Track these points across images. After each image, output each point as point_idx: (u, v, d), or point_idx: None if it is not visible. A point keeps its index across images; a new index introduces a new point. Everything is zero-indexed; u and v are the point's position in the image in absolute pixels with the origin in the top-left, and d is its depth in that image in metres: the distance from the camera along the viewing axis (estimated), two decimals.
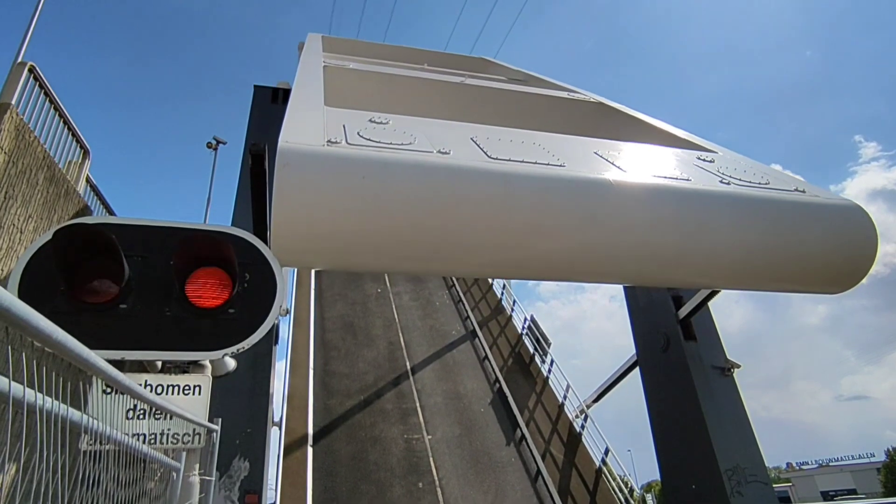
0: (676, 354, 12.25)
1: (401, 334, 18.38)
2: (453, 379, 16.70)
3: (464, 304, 20.98)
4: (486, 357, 17.99)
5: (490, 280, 22.78)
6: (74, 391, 1.44)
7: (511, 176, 5.02)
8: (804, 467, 51.47)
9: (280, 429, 13.60)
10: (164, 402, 2.65)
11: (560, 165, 5.42)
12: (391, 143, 5.07)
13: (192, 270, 3.72)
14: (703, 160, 7.09)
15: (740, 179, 6.35)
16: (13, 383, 1.11)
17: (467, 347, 18.41)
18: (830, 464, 48.24)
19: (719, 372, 12.02)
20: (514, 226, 4.92)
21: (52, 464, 1.25)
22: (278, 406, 14.28)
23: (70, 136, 7.82)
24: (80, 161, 8.00)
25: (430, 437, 14.29)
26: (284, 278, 4.07)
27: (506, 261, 5.21)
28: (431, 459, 13.61)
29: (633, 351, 15.19)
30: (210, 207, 20.97)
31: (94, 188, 8.70)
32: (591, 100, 10.99)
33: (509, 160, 5.28)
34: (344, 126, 5.29)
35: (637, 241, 5.36)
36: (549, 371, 17.33)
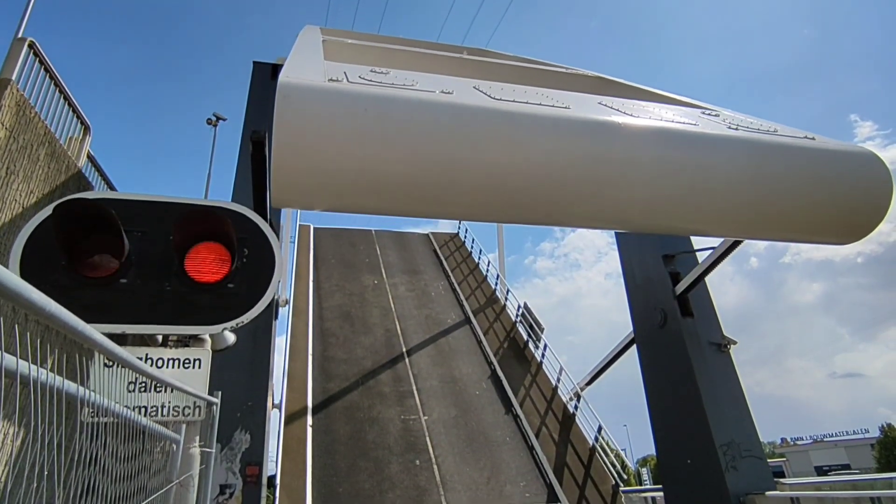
0: (673, 331, 12.33)
1: (397, 322, 18.70)
2: (449, 364, 16.99)
3: (459, 294, 21.31)
4: (481, 343, 18.28)
5: (484, 271, 23.28)
6: (78, 367, 1.45)
7: (515, 115, 4.88)
8: (798, 443, 51.90)
9: (280, 410, 13.85)
10: (163, 375, 2.68)
11: (565, 108, 5.28)
12: (393, 84, 4.97)
13: (192, 245, 3.73)
14: (709, 114, 6.95)
15: (748, 127, 6.14)
16: (8, 356, 1.12)
17: (462, 334, 18.74)
18: (825, 439, 48.61)
19: (716, 348, 12.10)
20: (517, 166, 4.78)
21: (51, 437, 1.26)
22: (278, 388, 14.56)
23: (70, 112, 7.79)
24: (80, 137, 7.99)
25: (426, 417, 14.52)
26: (284, 254, 4.08)
27: (509, 202, 5.05)
28: (428, 439, 13.83)
29: (628, 328, 15.33)
30: (210, 184, 20.95)
31: (95, 164, 8.70)
32: (590, 74, 10.92)
33: (513, 101, 5.13)
34: (345, 72, 5.20)
35: (644, 184, 5.20)
36: (543, 356, 17.67)
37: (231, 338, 3.97)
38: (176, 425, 3.36)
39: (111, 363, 3.40)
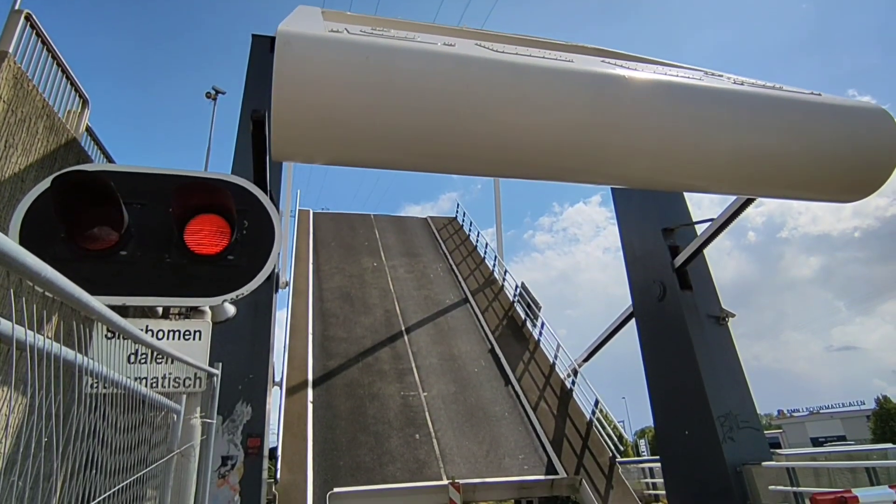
0: (672, 304, 12.39)
1: (396, 303, 18.91)
2: (448, 342, 17.19)
3: (457, 275, 21.53)
4: (480, 322, 18.50)
5: (482, 253, 23.45)
6: (76, 339, 1.44)
7: (519, 65, 4.77)
8: (795, 415, 52.37)
9: (281, 387, 14.06)
10: (162, 345, 2.68)
11: (569, 62, 5.19)
12: (394, 36, 4.90)
13: (191, 217, 3.73)
14: (713, 74, 6.84)
15: (753, 84, 6.06)
16: (5, 322, 1.11)
17: (461, 314, 18.98)
18: (821, 411, 49.11)
19: (714, 321, 12.18)
20: (521, 117, 4.67)
21: (49, 407, 1.26)
22: (279, 366, 14.77)
23: (69, 85, 7.70)
24: (79, 110, 7.90)
25: (425, 393, 14.71)
26: (283, 226, 4.06)
27: (512, 154, 4.94)
28: (427, 414, 14.01)
29: (626, 302, 15.44)
30: (210, 157, 20.87)
31: (93, 137, 8.62)
32: (591, 47, 10.79)
33: (517, 54, 5.04)
34: (346, 28, 5.11)
35: (650, 136, 5.12)
36: (541, 333, 17.88)
37: (231, 310, 3.97)
38: (177, 397, 3.38)
39: (112, 335, 3.42)
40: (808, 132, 5.59)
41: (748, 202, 11.35)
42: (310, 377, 14.64)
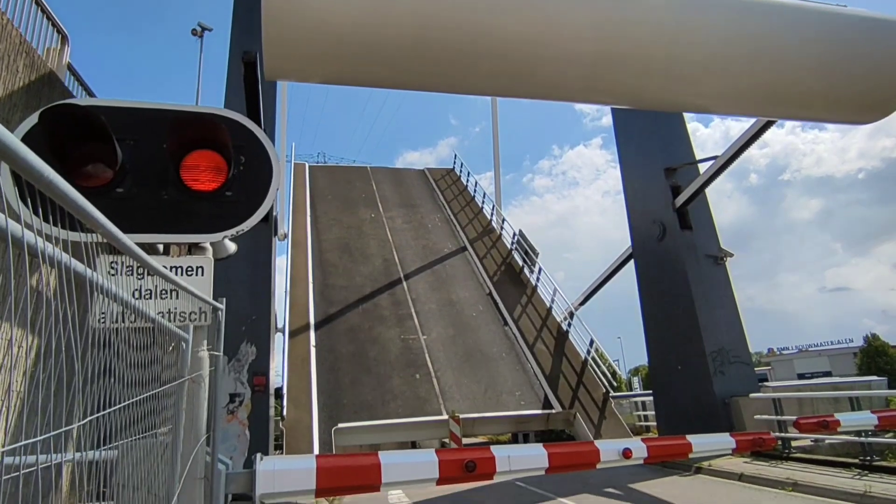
0: (672, 244, 12.50)
1: (395, 252, 19.14)
2: (446, 289, 17.50)
3: (455, 225, 21.74)
4: (478, 269, 18.80)
5: (480, 203, 23.54)
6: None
7: None
8: (784, 352, 53.78)
9: (284, 333, 14.36)
10: (168, 272, 2.70)
11: None
12: None
13: (187, 153, 3.67)
14: None
15: None
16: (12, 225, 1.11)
17: (459, 262, 19.29)
18: (809, 349, 50.48)
19: (712, 261, 12.34)
20: (528, 26, 4.40)
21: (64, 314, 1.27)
22: (281, 313, 15.07)
23: (45, 20, 7.41)
24: (59, 48, 7.64)
25: (425, 337, 15.02)
26: (280, 162, 4.02)
27: (513, 66, 4.68)
28: (427, 355, 14.35)
29: (625, 245, 15.61)
30: (200, 98, 20.43)
31: (76, 75, 8.36)
32: None
33: None
34: None
35: (662, 45, 4.90)
36: (538, 279, 18.24)
37: (232, 246, 3.98)
38: (184, 330, 3.44)
39: (114, 271, 3.45)
40: (831, 44, 5.35)
41: (753, 139, 11.27)
42: (312, 323, 14.95)
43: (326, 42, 4.11)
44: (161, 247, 3.85)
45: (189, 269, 3.69)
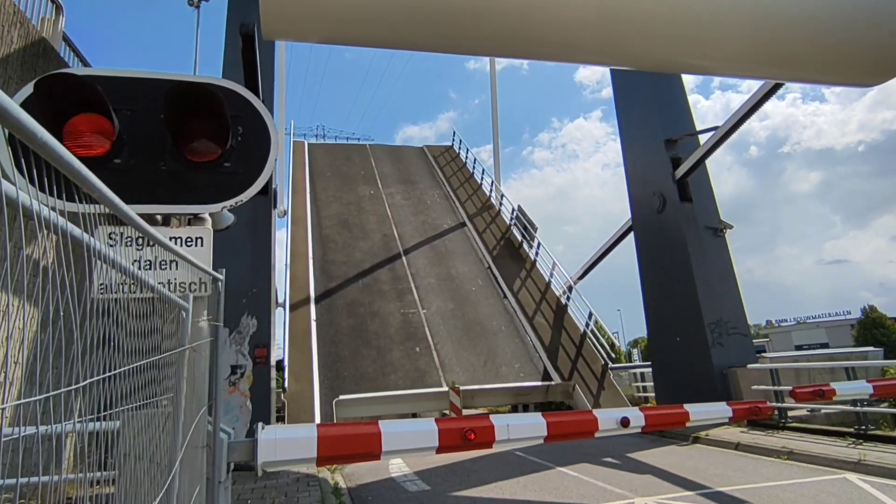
0: (672, 216, 12.50)
1: (394, 228, 19.23)
2: (446, 264, 17.62)
3: (454, 201, 21.83)
4: (477, 245, 18.93)
5: (479, 179, 23.64)
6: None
7: None
8: (782, 324, 54.06)
9: (285, 308, 14.48)
10: (168, 241, 2.69)
11: None
12: None
13: (184, 123, 3.64)
14: None
15: None
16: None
17: (458, 237, 19.41)
18: (807, 321, 50.69)
19: (712, 232, 12.36)
20: None
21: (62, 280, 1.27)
22: (282, 288, 15.17)
23: None
24: (53, 17, 7.51)
25: (425, 311, 15.14)
26: (279, 133, 3.98)
27: (524, 28, 4.53)
28: (427, 329, 14.47)
29: (624, 218, 15.63)
30: (198, 71, 20.21)
31: (71, 46, 8.24)
32: None
33: None
34: None
35: (667, 5, 4.80)
36: (537, 253, 18.37)
37: (230, 217, 3.97)
38: (183, 301, 3.45)
39: (113, 242, 3.44)
40: (835, 2, 5.23)
41: (754, 109, 11.17)
42: (312, 298, 15.06)
43: (328, 3, 3.99)
44: (159, 217, 3.84)
45: (188, 239, 3.68)
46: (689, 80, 14.18)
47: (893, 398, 8.83)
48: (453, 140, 27.70)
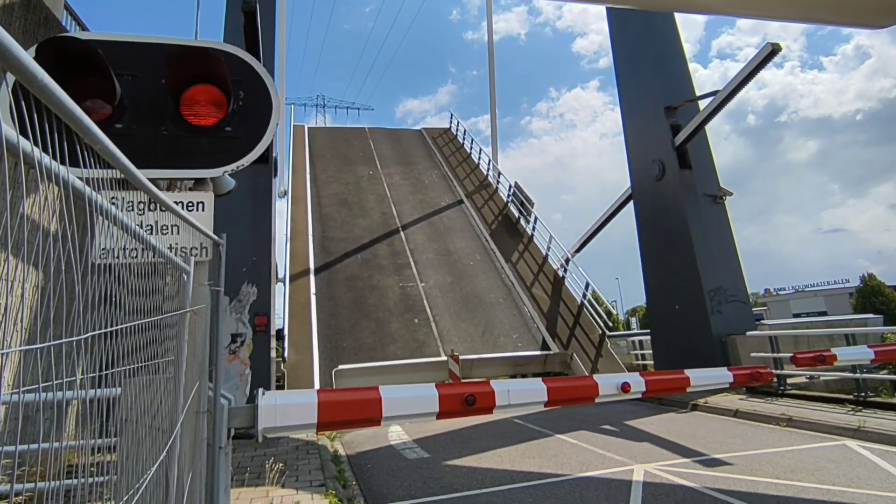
0: (671, 183, 12.47)
1: (393, 206, 19.47)
2: (444, 240, 17.83)
3: (452, 181, 22.08)
4: (475, 221, 19.15)
5: (476, 158, 24.01)
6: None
7: None
8: (781, 293, 54.22)
9: (285, 283, 14.64)
10: (174, 204, 2.66)
11: None
12: None
13: (185, 88, 3.59)
14: None
15: None
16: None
17: (456, 214, 19.68)
18: (805, 289, 50.77)
19: (711, 199, 12.34)
20: None
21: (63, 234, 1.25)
22: (282, 264, 15.29)
23: None
24: None
25: (423, 284, 15.28)
26: (281, 97, 3.93)
27: None
28: (426, 302, 14.59)
29: (622, 187, 15.64)
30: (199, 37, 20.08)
31: (73, 15, 8.09)
32: None
33: None
34: None
35: None
36: (534, 228, 18.65)
37: (231, 182, 3.94)
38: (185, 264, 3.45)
39: (116, 206, 3.41)
40: None
41: (753, 73, 11.05)
42: (311, 273, 15.21)
43: None
44: (162, 183, 3.82)
45: (190, 204, 3.66)
46: (686, 49, 14.14)
47: (894, 364, 8.92)
48: (451, 122, 28.07)
